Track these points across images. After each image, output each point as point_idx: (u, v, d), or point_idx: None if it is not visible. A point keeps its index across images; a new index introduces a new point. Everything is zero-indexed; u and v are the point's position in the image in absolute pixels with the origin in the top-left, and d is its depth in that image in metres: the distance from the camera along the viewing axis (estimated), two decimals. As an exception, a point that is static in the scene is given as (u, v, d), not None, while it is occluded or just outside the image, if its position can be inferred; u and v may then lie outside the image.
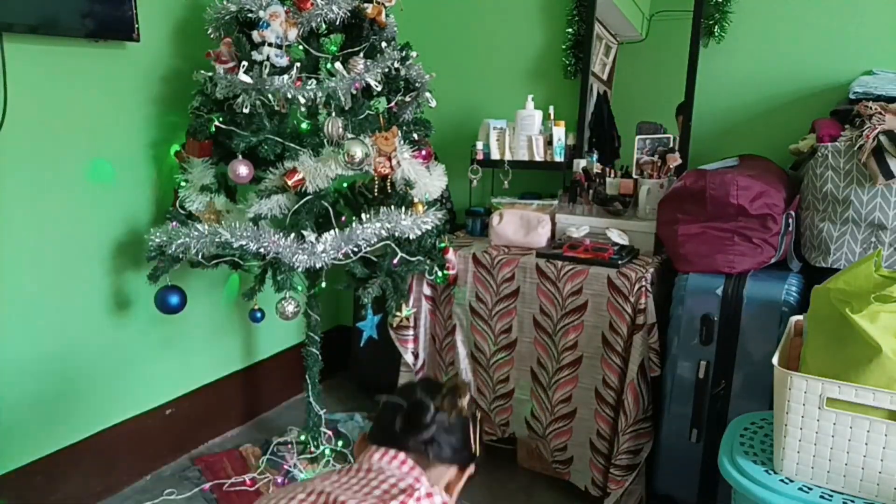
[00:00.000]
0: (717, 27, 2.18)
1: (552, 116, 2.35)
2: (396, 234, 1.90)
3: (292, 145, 1.84)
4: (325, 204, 1.92)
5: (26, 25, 1.69)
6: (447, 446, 1.00)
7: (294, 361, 2.58)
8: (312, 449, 2.26)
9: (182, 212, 1.95)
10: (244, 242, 1.76)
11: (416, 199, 1.97)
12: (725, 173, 1.75)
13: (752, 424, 1.49)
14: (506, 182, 2.36)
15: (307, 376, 2.22)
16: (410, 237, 1.93)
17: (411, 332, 2.27)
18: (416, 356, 2.29)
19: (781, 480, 1.28)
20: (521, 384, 2.13)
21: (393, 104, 2.01)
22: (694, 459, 1.85)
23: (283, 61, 1.80)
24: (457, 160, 2.55)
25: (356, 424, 2.54)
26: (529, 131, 2.34)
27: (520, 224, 2.19)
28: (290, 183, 1.78)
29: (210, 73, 1.85)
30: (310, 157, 1.83)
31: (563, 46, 2.45)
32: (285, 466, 2.23)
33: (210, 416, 2.45)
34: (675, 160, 2.11)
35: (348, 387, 2.89)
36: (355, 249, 1.85)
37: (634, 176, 2.20)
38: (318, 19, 1.84)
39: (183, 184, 1.96)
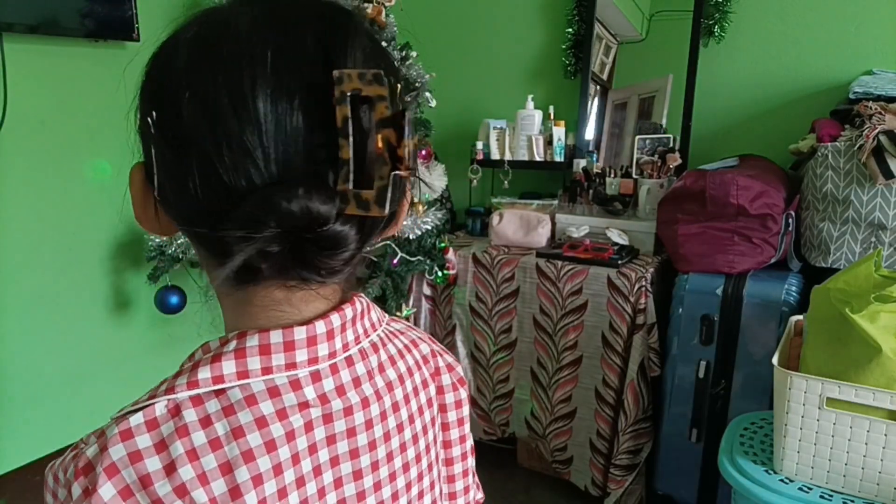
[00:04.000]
0: (717, 27, 2.17)
1: (552, 116, 2.35)
2: (396, 233, 1.90)
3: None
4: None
5: (26, 25, 1.69)
6: None
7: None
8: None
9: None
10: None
11: (416, 199, 1.97)
12: (725, 173, 1.75)
13: (752, 424, 1.49)
14: (506, 182, 2.36)
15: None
16: (410, 237, 1.93)
17: (411, 332, 2.26)
18: (416, 356, 2.29)
19: (781, 480, 1.28)
20: (521, 384, 2.12)
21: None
22: (694, 459, 1.85)
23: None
24: (457, 160, 2.54)
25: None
26: (529, 131, 2.34)
27: (520, 224, 2.19)
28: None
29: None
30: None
31: (563, 46, 2.45)
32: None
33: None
34: (675, 160, 2.11)
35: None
36: (355, 249, 1.85)
37: (634, 176, 2.20)
38: (318, 19, 1.84)
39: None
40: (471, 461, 0.62)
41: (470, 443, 0.62)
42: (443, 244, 2.09)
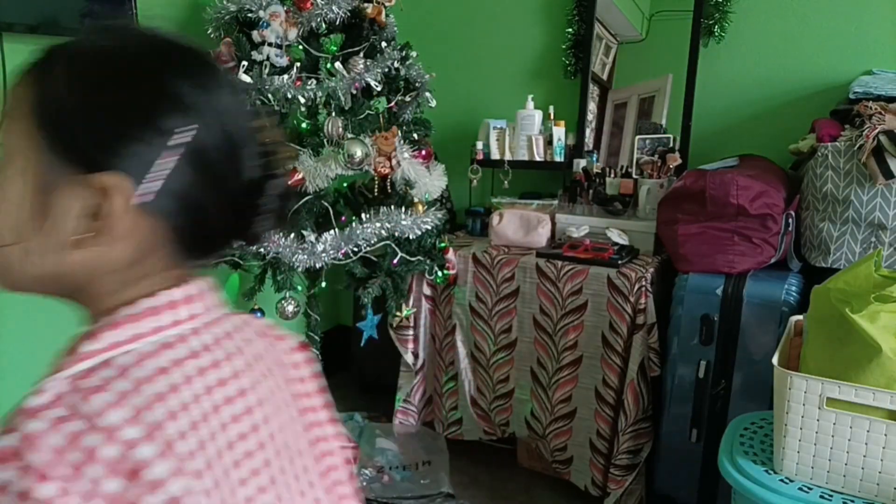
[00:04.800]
0: (717, 27, 2.18)
1: (552, 116, 2.35)
2: (396, 233, 1.90)
3: (292, 145, 1.85)
4: (325, 204, 1.92)
5: (26, 25, 1.69)
6: None
7: (294, 361, 2.57)
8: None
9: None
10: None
11: (416, 199, 1.97)
12: (725, 173, 1.75)
13: (752, 424, 1.49)
14: (506, 182, 2.36)
15: (307, 376, 2.22)
16: (410, 237, 1.93)
17: (411, 332, 2.26)
18: (415, 356, 2.29)
19: (781, 480, 1.28)
20: (521, 384, 2.12)
21: (393, 104, 2.01)
22: (694, 459, 1.85)
23: (283, 61, 1.80)
24: (457, 160, 2.54)
25: (356, 424, 2.53)
26: (529, 131, 2.34)
27: (520, 224, 2.19)
28: (289, 182, 1.79)
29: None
30: (309, 156, 1.83)
31: (563, 46, 2.45)
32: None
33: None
34: (675, 160, 2.11)
35: (348, 386, 2.89)
36: (355, 249, 1.85)
37: (634, 176, 2.20)
38: (318, 19, 1.84)
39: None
40: (332, 412, 0.69)
41: (325, 398, 0.69)
42: (443, 244, 2.09)
